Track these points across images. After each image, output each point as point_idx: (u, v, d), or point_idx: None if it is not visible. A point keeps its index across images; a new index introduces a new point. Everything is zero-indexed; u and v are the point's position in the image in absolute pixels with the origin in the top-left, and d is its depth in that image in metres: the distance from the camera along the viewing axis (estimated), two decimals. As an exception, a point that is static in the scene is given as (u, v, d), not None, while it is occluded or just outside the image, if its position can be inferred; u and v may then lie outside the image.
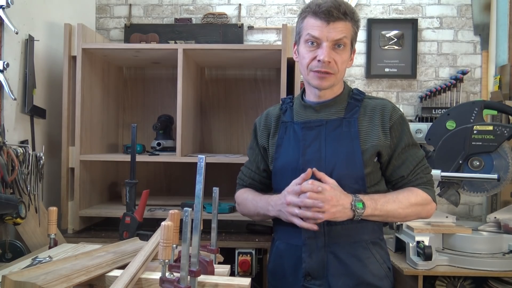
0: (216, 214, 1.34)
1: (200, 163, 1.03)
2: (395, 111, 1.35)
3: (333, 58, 1.27)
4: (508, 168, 2.04)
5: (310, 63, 1.29)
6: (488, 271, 1.88)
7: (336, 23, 1.25)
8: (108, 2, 2.75)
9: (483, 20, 2.63)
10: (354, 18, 1.29)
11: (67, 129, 2.09)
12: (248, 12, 2.72)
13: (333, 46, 1.27)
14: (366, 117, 1.34)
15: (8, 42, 1.81)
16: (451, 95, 2.61)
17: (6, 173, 1.53)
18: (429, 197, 1.34)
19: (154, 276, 1.14)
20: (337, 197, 1.20)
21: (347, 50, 1.30)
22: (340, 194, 1.22)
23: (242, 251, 1.93)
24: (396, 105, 1.40)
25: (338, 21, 1.25)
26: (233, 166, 2.57)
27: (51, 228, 1.49)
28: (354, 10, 1.31)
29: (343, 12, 1.25)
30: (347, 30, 1.27)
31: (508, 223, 2.07)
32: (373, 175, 1.32)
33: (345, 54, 1.29)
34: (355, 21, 1.30)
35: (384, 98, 1.41)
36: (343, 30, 1.26)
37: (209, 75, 2.62)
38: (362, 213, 1.23)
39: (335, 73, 1.29)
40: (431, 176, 1.38)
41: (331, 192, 1.20)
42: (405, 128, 1.36)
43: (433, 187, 1.38)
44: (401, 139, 1.34)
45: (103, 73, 2.36)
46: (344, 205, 1.21)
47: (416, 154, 1.36)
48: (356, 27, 1.32)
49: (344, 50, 1.29)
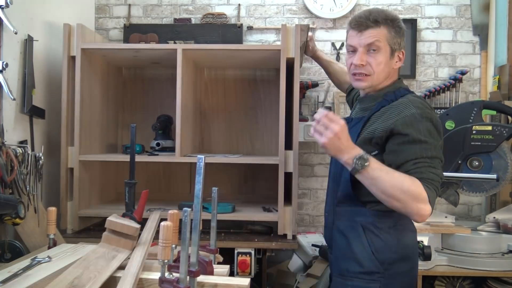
0: (215, 214, 1.34)
1: (199, 163, 1.03)
2: (407, 108, 1.35)
3: (368, 61, 1.42)
4: (507, 168, 2.04)
5: (350, 68, 1.47)
6: (487, 271, 1.88)
7: (368, 30, 1.40)
8: (108, 2, 2.74)
9: (482, 20, 2.63)
10: (388, 23, 1.41)
11: (66, 129, 2.08)
12: (247, 12, 2.72)
13: (367, 50, 1.41)
14: (381, 117, 1.40)
15: (7, 42, 1.81)
16: (450, 95, 2.62)
17: (5, 173, 1.53)
18: (425, 196, 1.24)
19: (154, 276, 1.14)
20: (342, 137, 1.27)
21: (382, 52, 1.41)
22: (346, 139, 1.28)
23: (241, 251, 1.93)
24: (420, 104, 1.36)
25: (369, 29, 1.40)
26: (233, 166, 2.59)
27: (50, 228, 1.49)
28: (388, 16, 1.42)
29: (373, 20, 1.40)
30: (379, 35, 1.40)
31: (507, 223, 2.08)
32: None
33: (380, 56, 1.41)
34: (391, 25, 1.42)
35: (414, 97, 1.40)
36: (375, 35, 1.40)
37: (209, 75, 2.62)
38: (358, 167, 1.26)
39: (371, 74, 1.43)
40: (436, 177, 1.29)
41: (341, 129, 1.27)
42: (415, 124, 1.32)
43: (436, 191, 1.28)
44: (401, 131, 1.32)
45: (103, 73, 2.36)
46: (342, 149, 1.28)
47: (416, 149, 1.31)
48: (394, 30, 1.42)
49: (378, 53, 1.41)
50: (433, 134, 1.33)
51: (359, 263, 1.39)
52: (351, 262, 1.41)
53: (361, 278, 1.39)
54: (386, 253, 1.38)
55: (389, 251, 1.38)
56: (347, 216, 1.45)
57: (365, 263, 1.39)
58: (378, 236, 1.39)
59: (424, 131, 1.32)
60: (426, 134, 1.32)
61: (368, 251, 1.39)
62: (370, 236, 1.40)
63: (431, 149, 1.31)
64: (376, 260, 1.38)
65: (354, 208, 1.42)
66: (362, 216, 1.41)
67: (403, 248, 1.41)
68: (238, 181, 2.60)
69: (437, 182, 1.29)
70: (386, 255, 1.38)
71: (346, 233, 1.44)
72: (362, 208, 1.41)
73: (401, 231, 1.42)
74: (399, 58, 1.47)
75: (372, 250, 1.38)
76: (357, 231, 1.41)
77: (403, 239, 1.42)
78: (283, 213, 2.01)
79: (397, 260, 1.39)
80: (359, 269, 1.39)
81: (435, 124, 1.35)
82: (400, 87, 1.46)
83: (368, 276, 1.38)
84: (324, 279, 2.02)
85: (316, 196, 2.70)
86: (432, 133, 1.33)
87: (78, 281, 1.09)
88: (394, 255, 1.38)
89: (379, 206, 1.38)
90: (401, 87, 1.46)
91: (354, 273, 1.40)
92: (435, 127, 1.35)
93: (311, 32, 2.19)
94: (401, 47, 1.46)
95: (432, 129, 1.33)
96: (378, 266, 1.38)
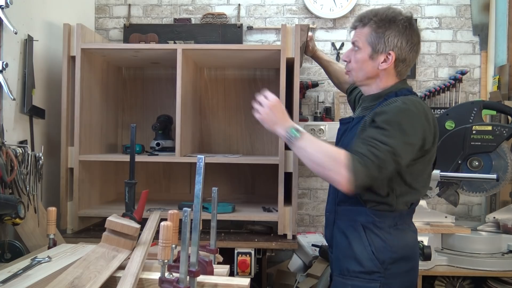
0: (215, 214, 1.34)
1: (199, 163, 1.03)
2: (395, 102, 1.35)
3: (350, 58, 1.47)
4: (507, 168, 2.04)
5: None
6: (487, 271, 1.88)
7: (356, 30, 1.47)
8: (107, 2, 2.74)
9: (482, 20, 2.63)
10: (373, 23, 1.41)
11: (66, 129, 2.08)
12: (247, 12, 2.72)
13: (353, 48, 1.47)
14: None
15: (7, 42, 1.81)
16: (450, 95, 2.62)
17: (5, 173, 1.53)
18: (343, 160, 1.23)
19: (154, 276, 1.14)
20: (272, 115, 1.44)
21: (360, 52, 1.44)
22: (274, 114, 1.44)
23: (241, 251, 1.93)
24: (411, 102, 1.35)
25: (356, 28, 1.46)
26: (232, 166, 2.59)
27: (50, 229, 1.49)
28: (378, 16, 1.41)
29: (359, 20, 1.45)
30: (360, 35, 1.44)
31: (507, 223, 2.08)
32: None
33: (359, 54, 1.44)
34: (377, 25, 1.41)
35: (412, 97, 1.38)
36: (358, 34, 1.45)
37: (208, 75, 2.62)
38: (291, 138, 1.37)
39: (351, 70, 1.49)
40: (372, 157, 1.24)
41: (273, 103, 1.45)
42: (389, 113, 1.30)
43: (366, 168, 1.23)
44: (374, 118, 1.32)
45: (102, 73, 2.36)
46: (276, 121, 1.43)
47: (373, 132, 1.29)
48: (380, 30, 1.40)
49: (358, 51, 1.44)
50: (404, 130, 1.28)
51: (359, 263, 1.39)
52: (351, 262, 1.41)
53: (361, 278, 1.39)
54: (386, 253, 1.38)
55: (389, 251, 1.38)
56: (348, 215, 1.45)
57: (365, 262, 1.38)
58: (378, 236, 1.39)
59: (393, 122, 1.29)
60: (393, 125, 1.28)
61: (368, 250, 1.39)
62: (370, 235, 1.40)
63: (389, 137, 1.26)
64: (376, 260, 1.38)
65: (354, 208, 1.42)
66: (363, 215, 1.41)
67: (403, 248, 1.40)
68: (238, 181, 2.60)
69: (371, 161, 1.24)
70: (386, 254, 1.38)
71: (347, 233, 1.44)
72: (363, 208, 1.40)
73: (401, 231, 1.42)
74: (387, 59, 1.41)
75: (372, 249, 1.38)
76: (357, 231, 1.41)
77: (403, 239, 1.41)
78: (283, 213, 2.01)
79: (397, 260, 1.39)
80: (359, 268, 1.39)
81: (415, 123, 1.30)
82: (402, 87, 1.45)
83: (368, 275, 1.38)
84: (324, 279, 2.02)
85: (316, 196, 2.70)
86: (403, 129, 1.28)
87: (78, 281, 1.09)
88: (394, 255, 1.38)
89: (379, 206, 1.38)
90: (403, 88, 1.44)
91: (354, 272, 1.40)
92: (412, 126, 1.29)
93: (311, 32, 2.19)
94: (389, 48, 1.39)
95: (406, 125, 1.29)
96: (378, 266, 1.38)
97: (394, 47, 1.40)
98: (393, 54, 1.40)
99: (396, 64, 1.42)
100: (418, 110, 1.33)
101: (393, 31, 1.39)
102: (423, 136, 1.32)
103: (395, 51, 1.40)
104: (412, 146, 1.30)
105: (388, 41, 1.40)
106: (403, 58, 1.41)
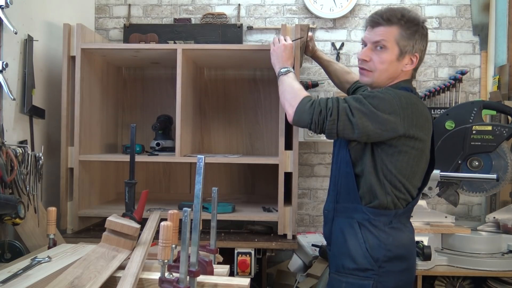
0: (215, 214, 1.34)
1: (199, 163, 1.03)
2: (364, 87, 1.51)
3: (372, 58, 1.43)
4: (507, 168, 2.04)
5: (358, 61, 1.51)
6: (487, 271, 1.88)
7: (378, 28, 1.42)
8: (107, 2, 2.74)
9: (482, 20, 2.63)
10: (401, 23, 1.40)
11: (66, 129, 2.08)
12: (247, 12, 2.72)
13: (374, 47, 1.43)
14: None
15: (7, 42, 1.80)
16: (450, 95, 2.62)
17: (5, 173, 1.53)
18: (300, 98, 1.43)
19: (154, 276, 1.14)
20: (281, 51, 1.68)
21: (387, 51, 1.41)
22: (283, 52, 1.67)
23: (241, 251, 1.93)
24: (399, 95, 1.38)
25: (379, 26, 1.42)
26: (232, 166, 2.59)
27: (50, 228, 1.49)
28: (404, 16, 1.40)
29: (385, 18, 1.41)
30: (388, 34, 1.41)
31: (507, 223, 2.08)
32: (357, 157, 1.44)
33: (385, 54, 1.42)
34: (405, 26, 1.40)
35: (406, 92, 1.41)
36: (383, 33, 1.41)
37: (208, 75, 2.62)
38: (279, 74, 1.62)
39: (373, 71, 1.45)
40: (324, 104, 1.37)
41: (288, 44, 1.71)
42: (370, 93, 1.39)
43: (313, 109, 1.38)
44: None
45: (102, 73, 2.36)
46: (280, 58, 1.66)
47: (348, 98, 1.40)
48: (409, 31, 1.40)
49: (383, 51, 1.42)
50: (380, 106, 1.34)
51: (354, 260, 1.40)
52: (346, 259, 1.42)
53: (355, 275, 1.40)
54: (380, 251, 1.38)
55: (384, 249, 1.38)
56: (345, 213, 1.47)
57: (359, 259, 1.39)
58: (373, 234, 1.40)
59: (370, 97, 1.36)
60: (368, 98, 1.36)
61: (362, 248, 1.40)
62: (365, 233, 1.41)
63: (356, 100, 1.36)
64: (370, 257, 1.38)
65: (351, 205, 1.45)
66: (359, 213, 1.42)
67: (398, 247, 1.40)
68: (238, 181, 2.60)
69: (319, 106, 1.38)
70: (381, 252, 1.38)
71: (344, 230, 1.46)
72: (359, 205, 1.42)
73: (397, 230, 1.42)
74: (411, 61, 1.44)
75: (367, 247, 1.39)
76: (353, 228, 1.43)
77: (399, 238, 1.41)
78: (283, 213, 2.01)
79: (392, 258, 1.39)
80: (353, 265, 1.40)
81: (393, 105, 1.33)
82: (403, 86, 1.45)
83: (362, 273, 1.39)
84: (324, 279, 2.02)
85: (316, 196, 2.70)
86: (379, 105, 1.34)
87: (78, 281, 1.09)
88: (389, 253, 1.39)
89: (374, 203, 1.40)
90: (403, 86, 1.45)
91: (349, 269, 1.41)
92: (391, 106, 1.33)
93: (311, 32, 2.19)
94: (415, 50, 1.43)
95: (384, 103, 1.34)
96: (372, 263, 1.38)
97: (418, 50, 1.43)
98: (417, 56, 1.44)
99: (417, 66, 1.46)
100: (399, 99, 1.35)
101: (419, 34, 1.43)
102: (395, 120, 1.33)
103: (419, 53, 1.44)
104: (377, 118, 1.33)
105: (416, 43, 1.42)
106: (422, 61, 1.47)
